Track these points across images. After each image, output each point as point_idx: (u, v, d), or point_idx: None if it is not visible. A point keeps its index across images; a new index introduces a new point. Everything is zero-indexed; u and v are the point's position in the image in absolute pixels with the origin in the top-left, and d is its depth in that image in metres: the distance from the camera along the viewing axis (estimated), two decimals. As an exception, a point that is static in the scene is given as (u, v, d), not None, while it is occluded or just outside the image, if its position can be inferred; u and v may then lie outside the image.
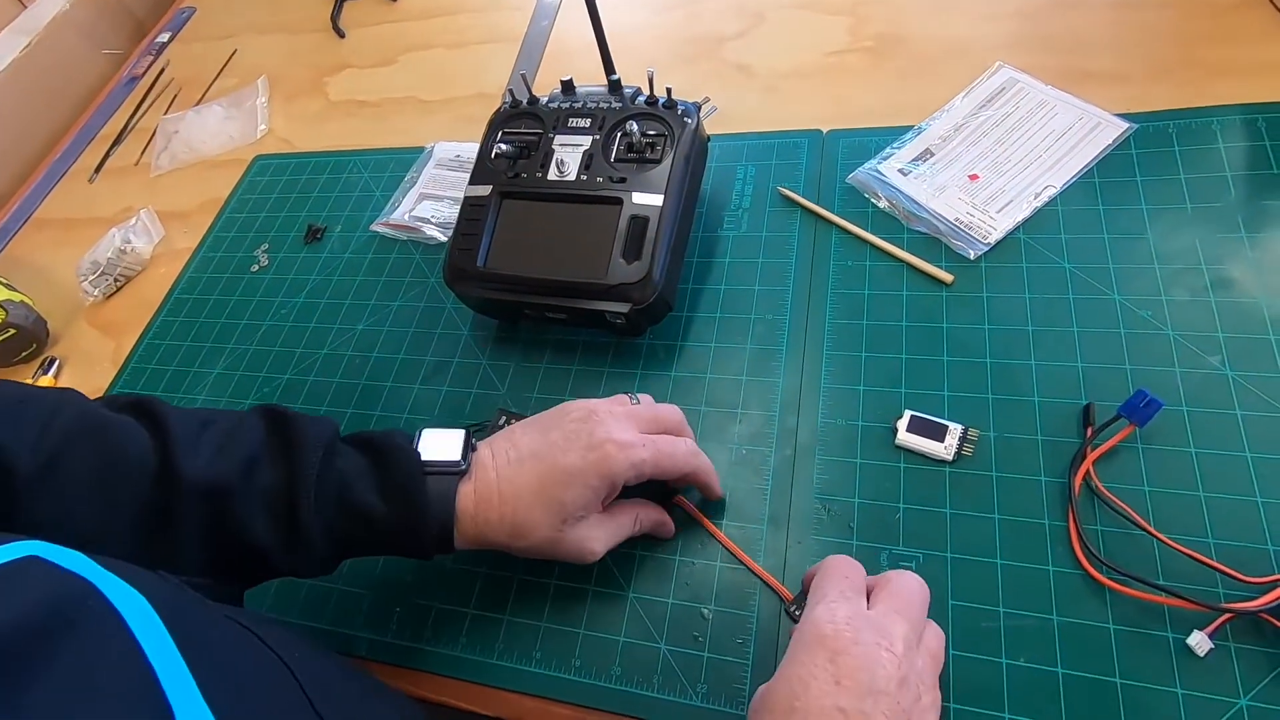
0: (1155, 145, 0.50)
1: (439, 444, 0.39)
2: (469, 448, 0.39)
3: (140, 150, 0.85)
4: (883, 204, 0.53)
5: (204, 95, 0.88)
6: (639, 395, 0.44)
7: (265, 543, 0.36)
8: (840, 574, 0.35)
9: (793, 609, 0.39)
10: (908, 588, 0.34)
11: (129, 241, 0.72)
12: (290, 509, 0.36)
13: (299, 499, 0.36)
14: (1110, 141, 0.51)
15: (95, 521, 0.34)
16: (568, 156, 0.52)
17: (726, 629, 0.41)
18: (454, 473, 0.38)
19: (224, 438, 0.37)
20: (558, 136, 0.53)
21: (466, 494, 0.38)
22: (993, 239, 0.49)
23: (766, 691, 0.32)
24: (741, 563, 0.42)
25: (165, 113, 0.87)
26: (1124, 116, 0.52)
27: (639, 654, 0.41)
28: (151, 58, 0.97)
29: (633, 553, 0.44)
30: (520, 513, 0.38)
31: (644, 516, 0.42)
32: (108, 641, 0.22)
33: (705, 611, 0.42)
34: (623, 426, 0.39)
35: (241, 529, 0.36)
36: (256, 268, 0.67)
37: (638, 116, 0.52)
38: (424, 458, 0.38)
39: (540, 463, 0.38)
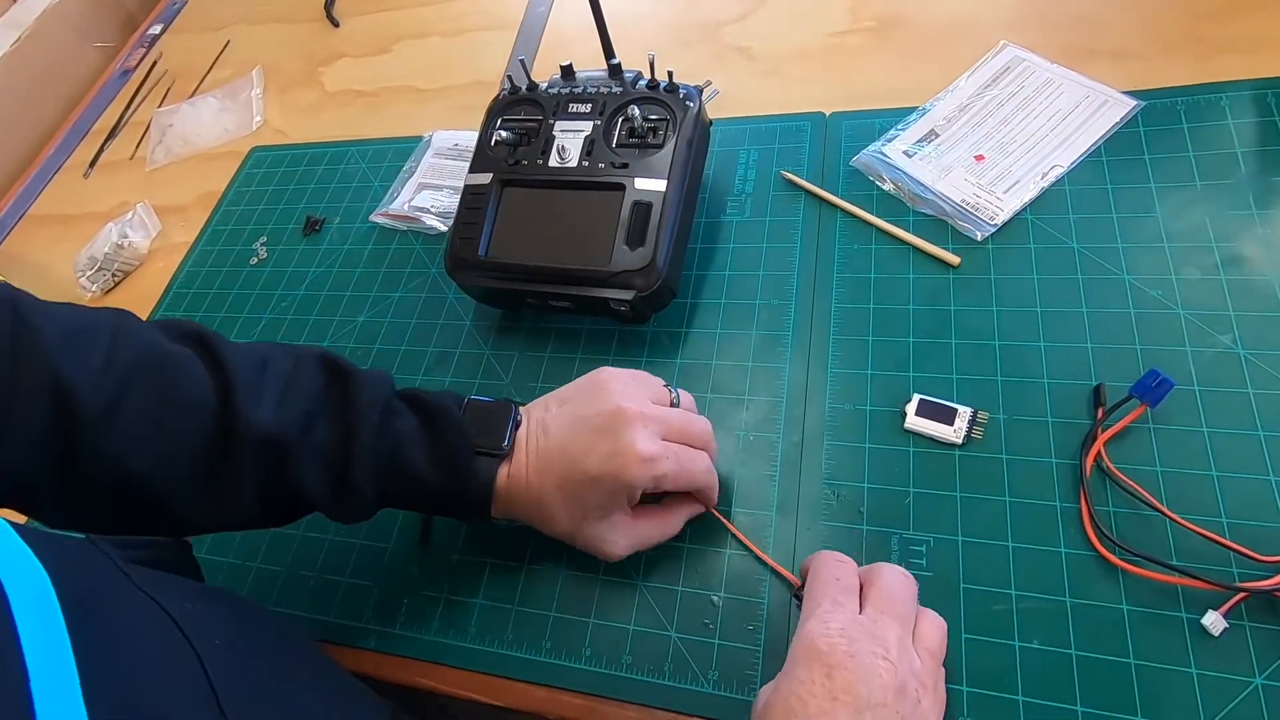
0: (1163, 123, 0.49)
1: (486, 418, 0.40)
2: (514, 425, 0.40)
3: (135, 144, 0.84)
4: (887, 186, 0.53)
5: (198, 87, 0.87)
6: (679, 391, 0.43)
7: (316, 494, 0.37)
8: (831, 576, 0.35)
9: (801, 591, 0.39)
10: (892, 585, 0.34)
11: (126, 236, 0.71)
12: (344, 467, 0.37)
13: (353, 459, 0.37)
14: (1118, 119, 0.50)
15: (154, 461, 0.34)
16: (569, 143, 0.51)
17: (737, 616, 0.41)
18: (498, 455, 0.39)
19: (284, 384, 0.38)
20: (558, 122, 0.52)
21: (503, 475, 0.39)
22: (999, 220, 0.49)
23: (766, 706, 0.32)
24: (750, 550, 0.42)
25: (159, 106, 0.87)
26: (1131, 94, 0.51)
27: (649, 642, 0.41)
28: (144, 50, 0.96)
29: (641, 541, 0.43)
30: (545, 503, 0.39)
31: (670, 526, 0.42)
32: None
33: (715, 599, 0.41)
34: (648, 435, 0.38)
35: (295, 480, 0.37)
36: (255, 261, 0.66)
37: (639, 101, 0.51)
38: (472, 432, 0.39)
39: (564, 460, 0.39)
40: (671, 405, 0.42)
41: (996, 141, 0.52)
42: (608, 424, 0.38)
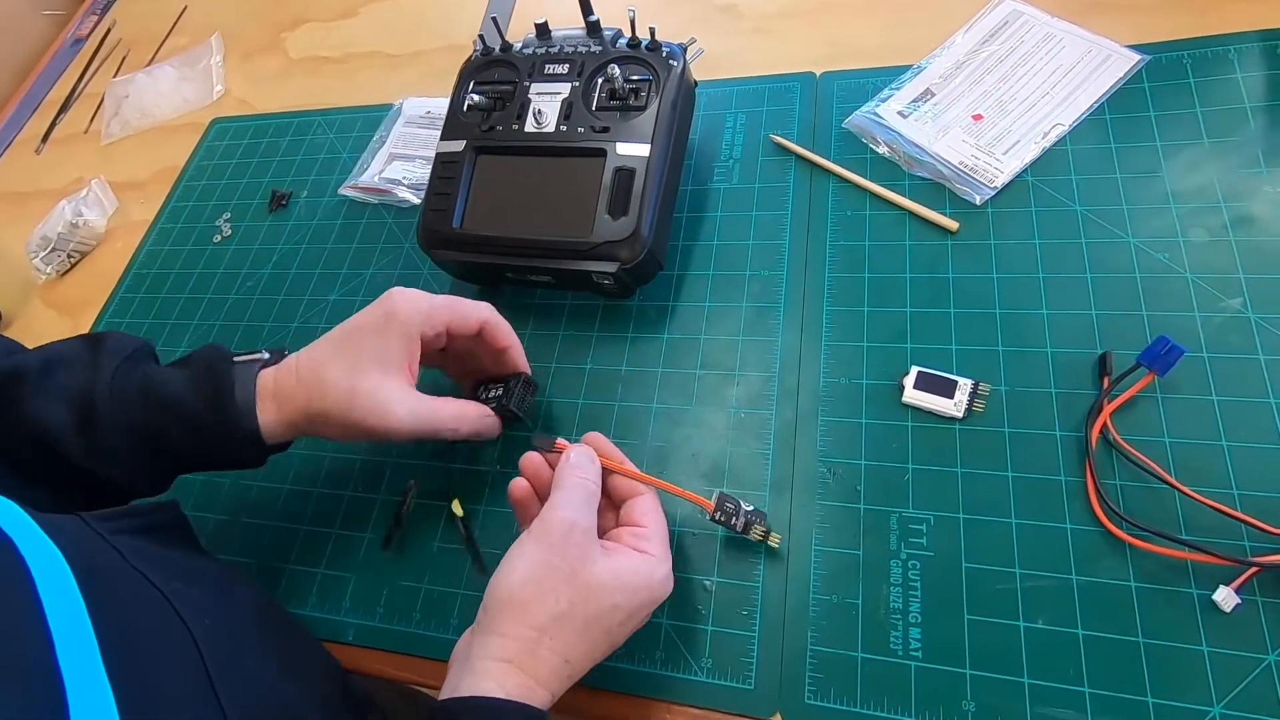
0: (1169, 77, 0.47)
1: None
2: (279, 353, 0.42)
3: (89, 117, 0.80)
4: (882, 149, 0.50)
5: (154, 56, 0.82)
6: None
7: (57, 429, 0.36)
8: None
9: (717, 515, 0.39)
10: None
11: (81, 214, 0.67)
12: (89, 403, 0.37)
13: (95, 390, 0.37)
14: (1121, 75, 0.48)
15: None
16: (545, 106, 0.48)
17: (730, 601, 0.39)
18: (256, 359, 0.41)
19: (43, 350, 0.39)
20: (534, 85, 0.49)
21: (267, 375, 0.40)
22: (999, 182, 0.46)
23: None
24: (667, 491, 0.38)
25: (114, 76, 0.82)
26: (1135, 48, 0.49)
27: (640, 630, 0.39)
28: (96, 17, 0.91)
29: (630, 525, 0.41)
30: (317, 368, 0.39)
31: (468, 414, 0.42)
32: (10, 607, 0.23)
33: (708, 584, 0.40)
34: (414, 291, 0.41)
35: (35, 416, 0.36)
36: (219, 238, 0.63)
37: (620, 60, 0.48)
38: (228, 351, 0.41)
39: (336, 331, 0.41)
40: None
41: (995, 100, 0.50)
42: (376, 301, 0.41)
